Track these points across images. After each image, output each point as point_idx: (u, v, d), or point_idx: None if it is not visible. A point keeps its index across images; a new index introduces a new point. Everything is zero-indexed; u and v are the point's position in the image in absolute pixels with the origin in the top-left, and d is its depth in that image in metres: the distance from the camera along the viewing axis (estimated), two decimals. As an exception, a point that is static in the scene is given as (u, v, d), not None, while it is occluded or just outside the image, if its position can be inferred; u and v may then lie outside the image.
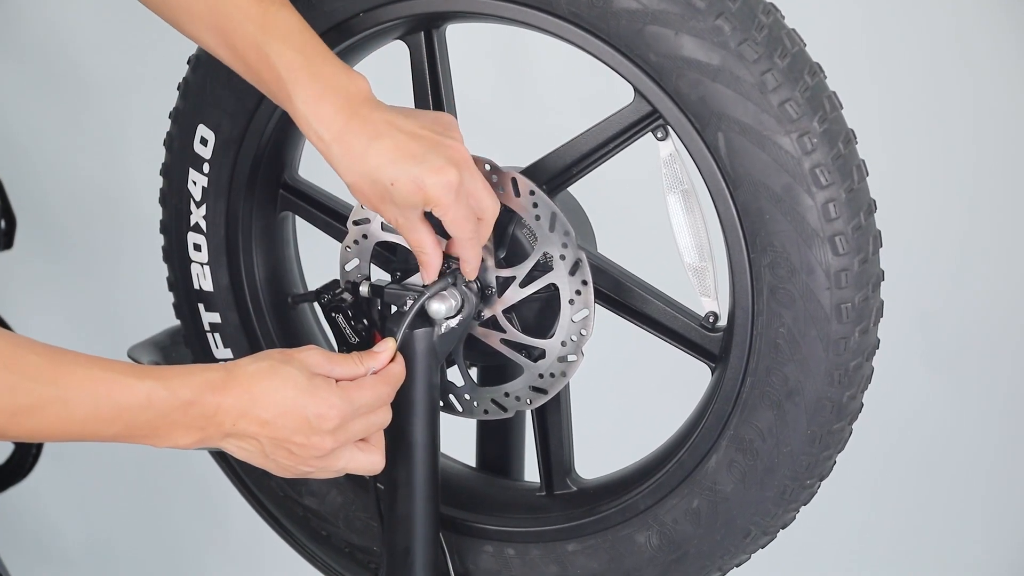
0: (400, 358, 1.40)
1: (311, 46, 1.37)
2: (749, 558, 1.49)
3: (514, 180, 1.43)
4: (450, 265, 1.45)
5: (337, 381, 1.35)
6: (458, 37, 1.60)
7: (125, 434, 1.28)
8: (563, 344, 1.46)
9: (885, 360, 1.91)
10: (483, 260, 1.45)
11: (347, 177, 1.37)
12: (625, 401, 2.67)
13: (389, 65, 1.72)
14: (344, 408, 1.33)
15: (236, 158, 1.56)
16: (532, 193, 1.43)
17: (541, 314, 1.47)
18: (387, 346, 1.40)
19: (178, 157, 1.60)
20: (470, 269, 1.42)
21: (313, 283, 1.59)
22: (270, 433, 1.31)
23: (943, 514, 2.67)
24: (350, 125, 1.35)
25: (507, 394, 1.50)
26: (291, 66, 1.36)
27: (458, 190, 1.35)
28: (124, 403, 1.26)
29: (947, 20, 2.55)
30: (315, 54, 1.37)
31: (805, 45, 1.37)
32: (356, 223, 1.51)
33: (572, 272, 1.43)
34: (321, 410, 1.32)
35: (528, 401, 1.50)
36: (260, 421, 1.30)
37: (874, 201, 1.38)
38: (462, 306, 1.44)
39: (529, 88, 2.71)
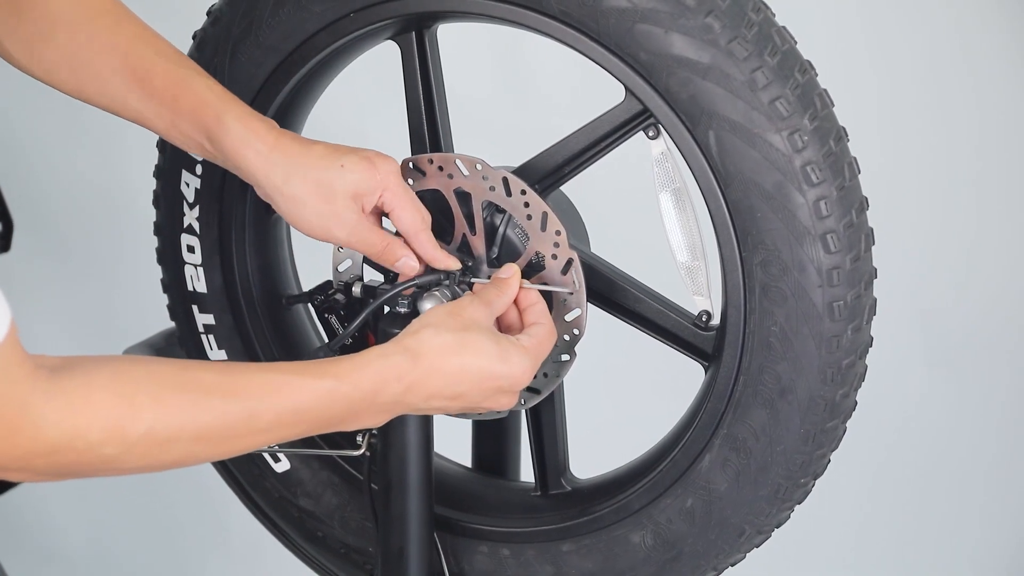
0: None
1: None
2: (744, 557, 1.49)
3: (505, 180, 1.43)
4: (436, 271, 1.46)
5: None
6: (451, 37, 1.60)
7: (309, 431, 1.26)
8: (556, 344, 1.46)
9: (886, 358, 1.91)
10: (477, 259, 1.45)
11: (291, 185, 1.38)
12: (619, 400, 2.67)
13: (380, 66, 1.72)
14: (534, 367, 1.35)
15: (228, 159, 1.56)
16: (523, 192, 1.42)
17: (534, 313, 1.47)
18: (512, 271, 1.40)
19: (171, 159, 1.60)
20: (442, 262, 1.42)
21: (307, 284, 1.59)
22: (462, 404, 1.32)
23: (942, 512, 2.67)
24: (281, 139, 1.39)
25: (501, 394, 1.50)
26: (216, 90, 1.40)
27: (401, 175, 1.41)
28: (306, 405, 1.23)
29: (948, 17, 2.54)
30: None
31: (796, 42, 1.36)
32: (348, 224, 1.51)
33: (564, 271, 1.43)
34: (516, 376, 1.33)
35: (522, 401, 1.49)
36: (453, 395, 1.31)
37: (866, 199, 1.37)
38: (454, 306, 1.44)
39: (523, 87, 2.71)
